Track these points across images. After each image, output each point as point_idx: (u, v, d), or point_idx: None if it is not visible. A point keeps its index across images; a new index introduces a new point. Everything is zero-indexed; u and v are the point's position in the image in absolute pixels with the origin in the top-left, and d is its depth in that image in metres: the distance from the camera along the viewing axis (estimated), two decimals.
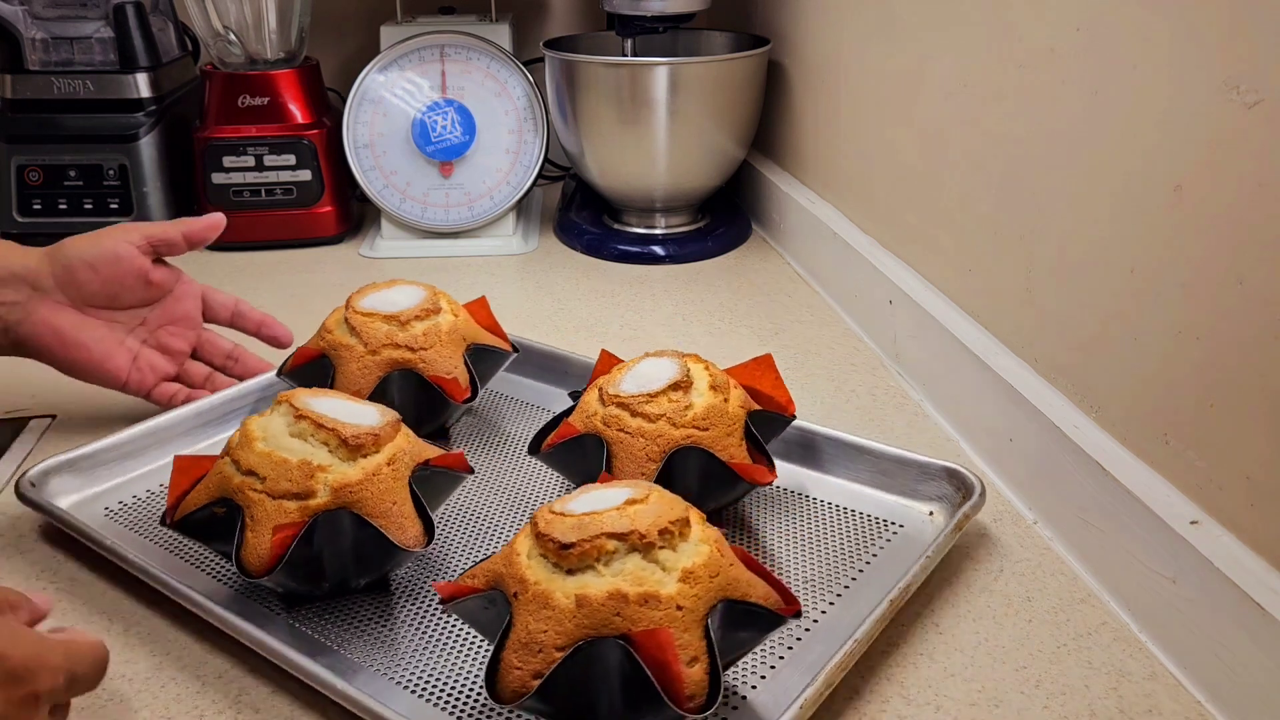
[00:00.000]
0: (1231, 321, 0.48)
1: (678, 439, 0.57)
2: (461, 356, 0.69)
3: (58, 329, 0.67)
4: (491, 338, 0.72)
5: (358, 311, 0.68)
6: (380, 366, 0.66)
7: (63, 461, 0.64)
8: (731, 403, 0.59)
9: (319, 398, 0.56)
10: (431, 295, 0.70)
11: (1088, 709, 0.48)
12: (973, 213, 0.72)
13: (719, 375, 0.60)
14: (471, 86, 1.10)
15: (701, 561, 0.44)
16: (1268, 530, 0.47)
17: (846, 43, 0.94)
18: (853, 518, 0.62)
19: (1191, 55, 0.49)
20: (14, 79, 1.07)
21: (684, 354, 0.62)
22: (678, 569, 0.44)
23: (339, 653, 0.51)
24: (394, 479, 0.54)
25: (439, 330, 0.68)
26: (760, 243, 1.14)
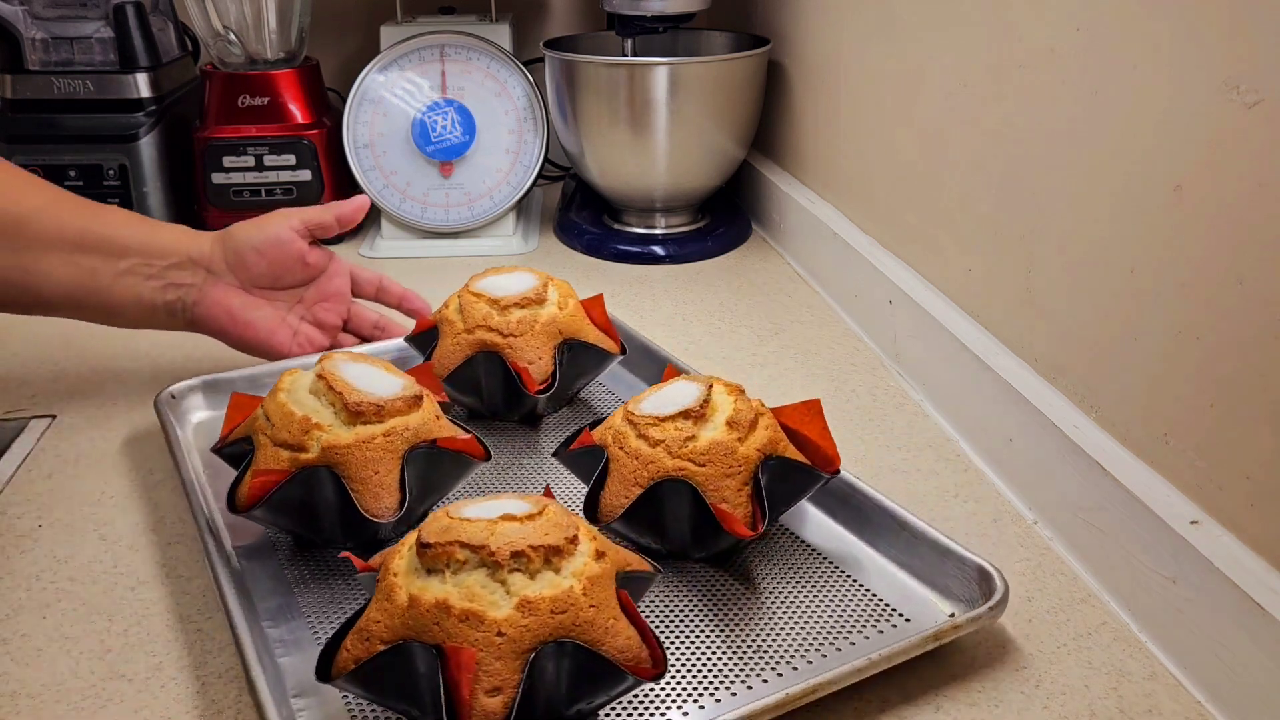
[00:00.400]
0: (1231, 321, 0.48)
1: (668, 469, 0.54)
2: (552, 349, 0.69)
3: (229, 309, 0.74)
4: (599, 335, 0.72)
5: (469, 290, 0.71)
6: (470, 345, 0.68)
7: (201, 382, 0.73)
8: (749, 443, 0.54)
9: (355, 364, 0.59)
10: (541, 286, 0.71)
11: (1088, 709, 0.48)
12: (973, 213, 0.72)
13: (745, 411, 0.55)
14: (471, 86, 1.10)
15: (551, 594, 0.42)
16: (1268, 530, 0.47)
17: (846, 43, 0.94)
18: (858, 593, 0.54)
19: (1191, 55, 0.49)
20: (14, 79, 1.07)
21: (725, 383, 0.57)
22: (518, 595, 0.42)
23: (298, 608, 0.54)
24: (385, 450, 0.55)
25: (535, 320, 0.69)
26: (760, 243, 1.14)
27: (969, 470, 0.68)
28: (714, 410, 0.55)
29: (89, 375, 0.81)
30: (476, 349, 0.68)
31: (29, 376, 0.80)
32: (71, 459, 0.69)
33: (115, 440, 0.72)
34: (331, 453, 0.54)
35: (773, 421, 0.57)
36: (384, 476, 0.55)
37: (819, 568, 0.57)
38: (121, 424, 0.74)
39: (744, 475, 0.54)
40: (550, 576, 0.43)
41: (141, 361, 0.83)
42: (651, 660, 0.44)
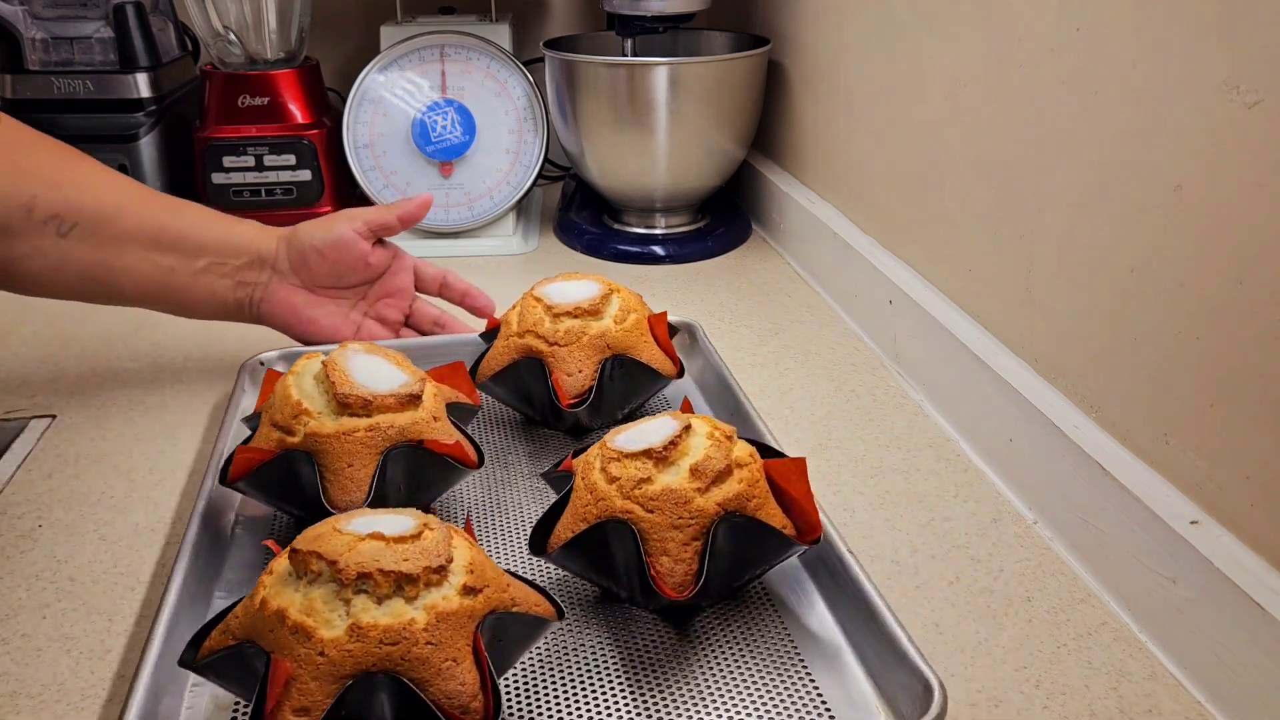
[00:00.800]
0: (1231, 321, 0.48)
1: (616, 509, 0.50)
2: (597, 363, 0.66)
3: (294, 306, 0.76)
4: (655, 355, 0.69)
5: (531, 294, 0.70)
6: (516, 350, 0.68)
7: (282, 354, 0.76)
8: (711, 496, 0.49)
9: (366, 356, 0.60)
10: (600, 298, 0.68)
11: (1088, 709, 0.48)
12: (973, 213, 0.72)
13: (716, 460, 0.50)
14: (471, 86, 1.10)
15: (385, 624, 0.41)
16: (1268, 530, 0.47)
17: (846, 42, 0.94)
18: (801, 689, 0.48)
19: (1191, 55, 0.49)
20: (14, 79, 1.07)
21: (715, 425, 0.53)
22: (354, 619, 0.41)
23: None
24: (364, 444, 0.56)
25: (584, 331, 0.67)
26: (760, 243, 1.14)
27: (969, 470, 0.68)
28: (682, 454, 0.51)
29: (89, 375, 0.81)
30: (521, 354, 0.67)
31: (29, 376, 0.80)
32: (71, 459, 0.69)
33: (115, 440, 0.72)
34: (313, 440, 0.55)
35: (754, 476, 0.51)
36: (358, 470, 0.55)
37: (777, 649, 0.50)
38: (121, 424, 0.74)
39: (694, 529, 0.49)
40: (397, 604, 0.42)
41: (142, 361, 0.83)
42: (482, 710, 0.42)
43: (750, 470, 0.51)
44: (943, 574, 0.58)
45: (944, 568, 0.58)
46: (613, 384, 0.67)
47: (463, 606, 0.43)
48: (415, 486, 0.59)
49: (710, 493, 0.50)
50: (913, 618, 0.54)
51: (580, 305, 0.67)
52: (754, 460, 0.52)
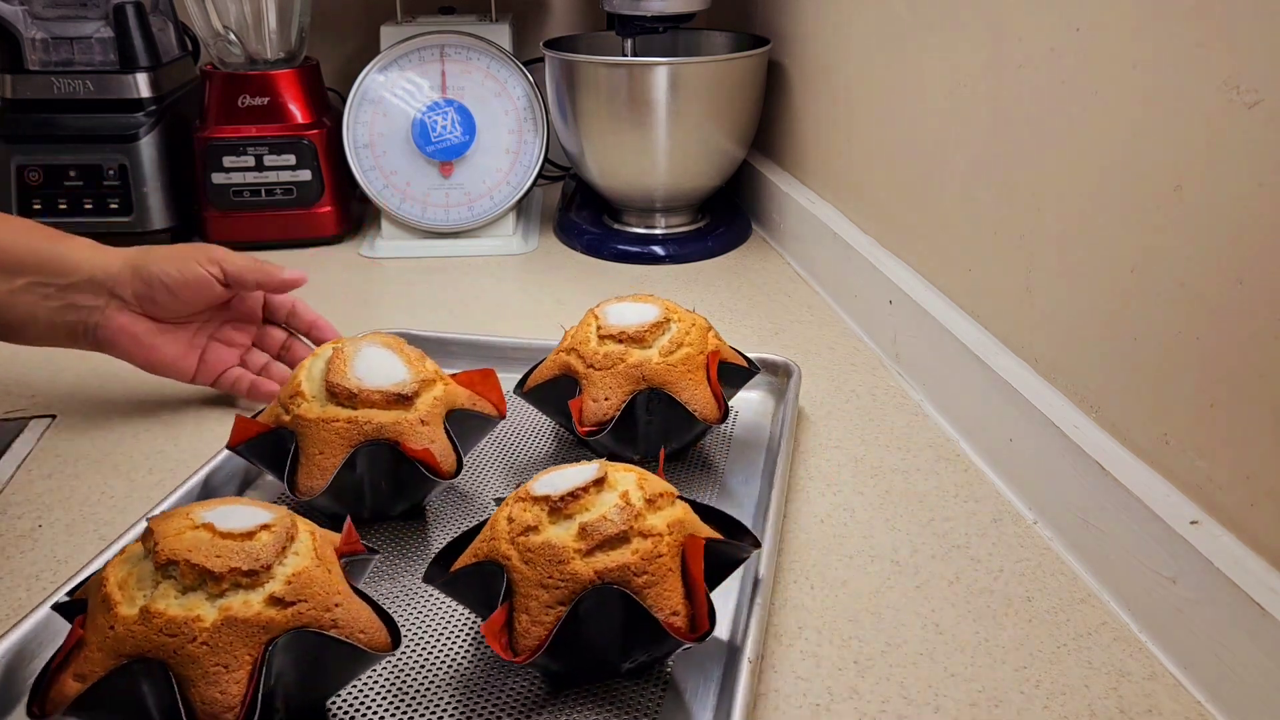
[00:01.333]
0: (1231, 321, 0.48)
1: (499, 552, 0.47)
2: (626, 394, 0.62)
3: (134, 335, 0.70)
4: (696, 396, 0.63)
5: (593, 310, 0.68)
6: (558, 365, 0.66)
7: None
8: (594, 561, 0.45)
9: (379, 348, 0.61)
10: (654, 326, 0.64)
11: (1088, 709, 0.48)
12: (973, 213, 0.72)
13: (612, 523, 0.46)
14: (471, 86, 1.10)
15: (171, 614, 0.41)
16: (1268, 530, 0.47)
17: (847, 43, 0.94)
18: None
19: (1191, 55, 0.49)
20: (14, 79, 1.07)
21: (647, 479, 0.50)
22: (148, 602, 0.42)
23: None
24: (339, 435, 0.57)
25: (620, 359, 0.63)
26: (760, 243, 1.14)
27: (969, 470, 0.68)
28: (582, 509, 0.47)
29: (89, 375, 0.81)
30: (562, 371, 0.65)
31: (29, 376, 0.80)
32: (71, 459, 0.69)
33: (115, 440, 0.72)
34: (298, 421, 0.58)
35: (656, 550, 0.46)
36: (326, 459, 0.57)
37: None
38: (121, 424, 0.74)
39: (562, 593, 0.45)
40: (196, 598, 0.42)
41: None
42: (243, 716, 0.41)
43: (655, 543, 0.46)
44: (943, 574, 0.58)
45: (944, 568, 0.58)
46: (650, 419, 0.64)
47: (259, 615, 0.42)
48: (395, 486, 0.59)
49: (593, 558, 0.45)
50: (913, 617, 0.54)
51: (626, 330, 0.64)
52: (669, 533, 0.47)
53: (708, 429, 0.65)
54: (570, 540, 0.46)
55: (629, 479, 0.49)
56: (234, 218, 1.10)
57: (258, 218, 1.11)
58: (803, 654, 0.52)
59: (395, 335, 0.63)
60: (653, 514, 0.48)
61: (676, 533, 0.48)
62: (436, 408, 0.60)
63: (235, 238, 1.11)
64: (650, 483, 0.49)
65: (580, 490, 0.47)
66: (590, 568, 0.45)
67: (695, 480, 0.66)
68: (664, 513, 0.48)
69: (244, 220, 1.10)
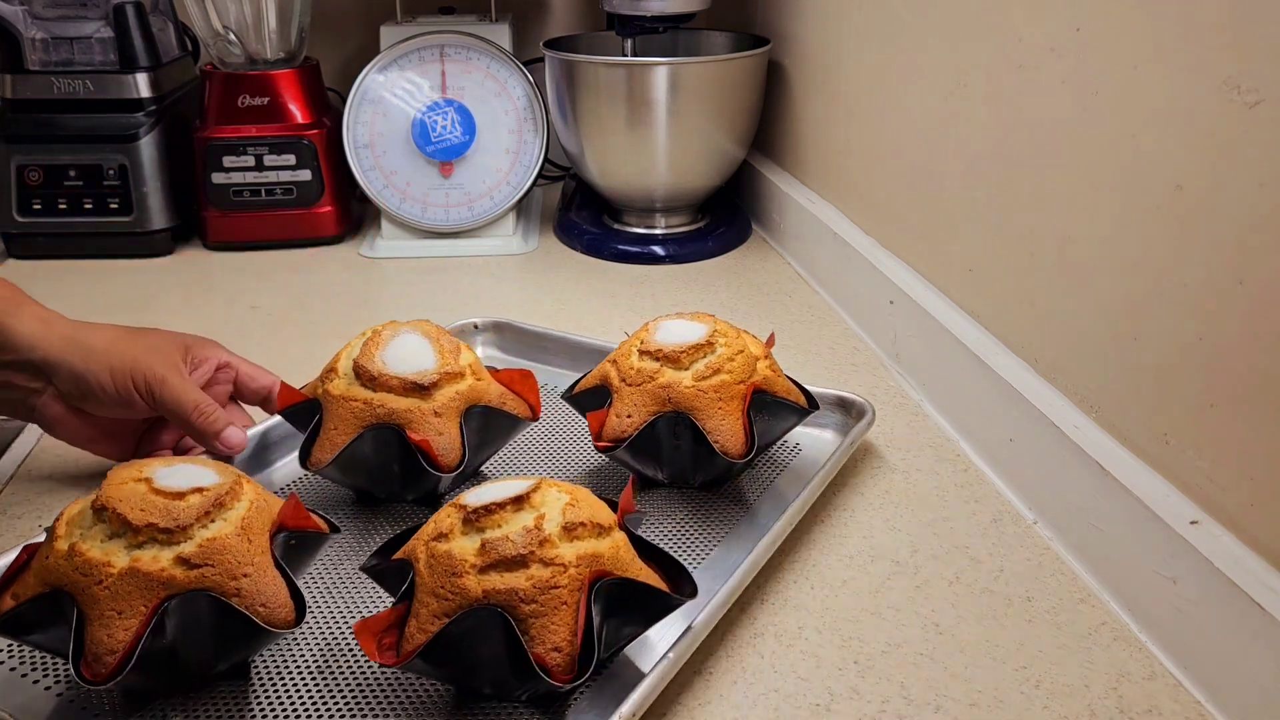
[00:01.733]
0: (1231, 321, 0.48)
1: (417, 552, 0.47)
2: (649, 414, 0.60)
3: (70, 428, 0.64)
4: (726, 424, 0.60)
5: (650, 322, 0.65)
6: (600, 374, 0.64)
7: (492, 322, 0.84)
8: (485, 580, 0.44)
9: (416, 336, 0.62)
10: (688, 348, 0.61)
11: (1088, 709, 0.48)
12: (973, 213, 0.72)
13: (513, 545, 0.45)
14: (471, 86, 1.10)
15: (86, 555, 0.45)
16: (1268, 530, 0.47)
17: (846, 43, 0.94)
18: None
19: (1191, 55, 0.49)
20: (14, 79, 1.07)
21: (585, 506, 0.48)
22: (75, 540, 0.45)
23: None
24: (354, 414, 0.59)
25: (651, 377, 0.61)
26: (760, 243, 1.14)
27: (969, 470, 0.68)
28: (494, 524, 0.46)
29: None
30: (601, 380, 0.64)
31: None
32: (71, 459, 0.69)
33: None
34: (324, 396, 0.61)
35: (555, 580, 0.44)
36: (338, 435, 0.59)
37: None
38: None
39: (448, 605, 0.44)
40: (115, 545, 0.45)
41: None
42: (113, 667, 0.43)
43: (555, 574, 0.44)
44: (943, 574, 0.58)
45: (944, 568, 0.58)
46: (677, 443, 0.61)
47: (163, 572, 0.44)
48: (403, 472, 0.60)
49: (487, 576, 0.44)
50: (913, 617, 0.54)
51: (663, 349, 0.61)
52: (575, 565, 0.45)
53: (737, 464, 0.60)
54: (470, 554, 0.45)
55: (558, 502, 0.47)
56: (234, 218, 1.10)
57: (258, 218, 1.11)
58: (803, 654, 0.52)
59: (433, 324, 0.64)
60: (565, 543, 0.45)
61: (587, 566, 0.45)
62: (455, 401, 0.60)
63: (235, 238, 1.11)
64: (582, 509, 0.47)
65: (497, 505, 0.46)
66: (480, 585, 0.44)
67: (721, 511, 0.62)
68: (580, 544, 0.46)
69: (244, 220, 1.10)
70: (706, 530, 0.61)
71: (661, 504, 0.63)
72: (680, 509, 0.63)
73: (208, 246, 1.12)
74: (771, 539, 0.56)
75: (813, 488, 0.60)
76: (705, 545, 0.59)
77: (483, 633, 0.44)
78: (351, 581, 0.56)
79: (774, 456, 0.68)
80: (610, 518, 0.49)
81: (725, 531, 0.60)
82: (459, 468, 0.60)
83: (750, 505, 0.63)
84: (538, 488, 0.48)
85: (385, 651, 0.45)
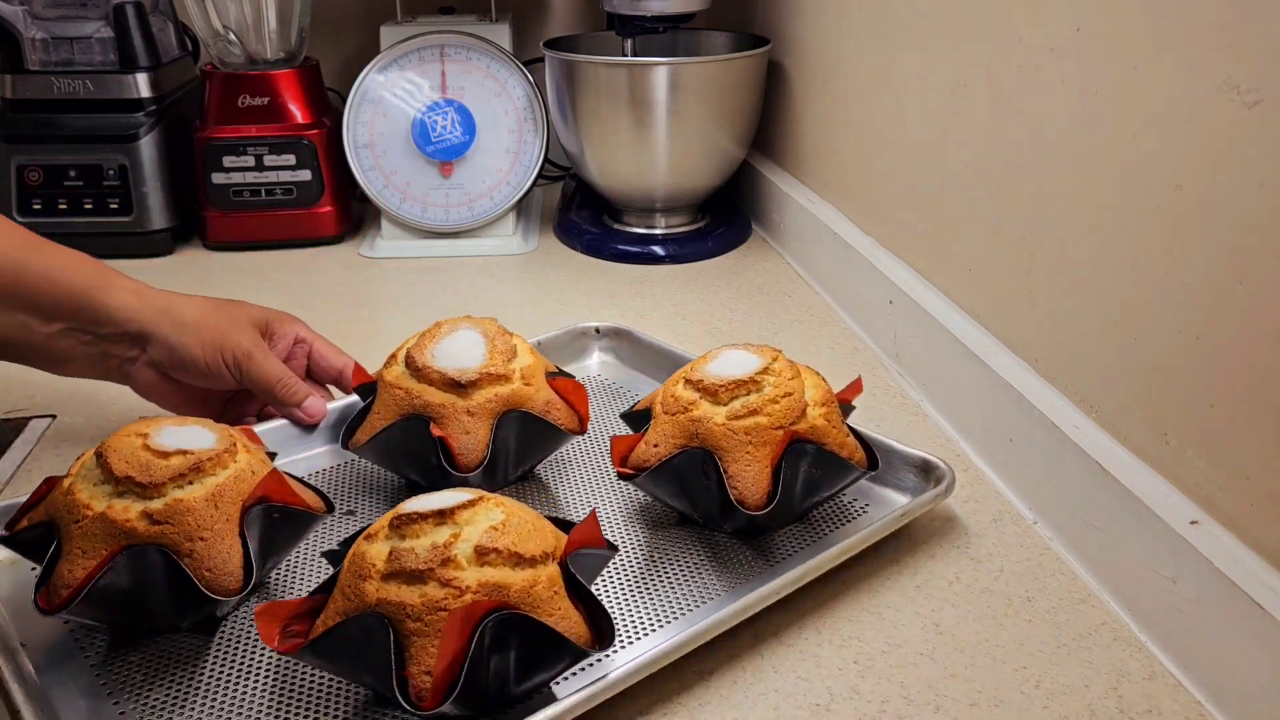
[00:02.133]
0: (1231, 321, 0.48)
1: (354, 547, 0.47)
2: (676, 447, 0.57)
3: (162, 392, 0.68)
4: (750, 470, 0.55)
5: (707, 354, 0.61)
6: (651, 398, 0.62)
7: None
8: (383, 590, 0.44)
9: (475, 333, 0.63)
10: (729, 384, 0.57)
11: (1088, 709, 0.48)
12: (973, 213, 0.72)
13: (417, 557, 0.44)
14: (471, 86, 1.10)
15: (76, 496, 0.49)
16: (1268, 530, 0.47)
17: (846, 43, 0.94)
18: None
19: (1191, 55, 0.49)
20: (14, 79, 1.07)
21: (515, 517, 0.47)
22: (76, 479, 0.50)
23: None
24: (395, 401, 0.61)
25: (685, 409, 0.57)
26: (760, 243, 1.14)
27: (969, 470, 0.68)
28: (415, 534, 0.45)
29: None
30: (647, 403, 0.62)
31: (29, 376, 0.80)
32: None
33: None
34: (379, 380, 0.63)
35: (449, 603, 0.43)
36: (377, 420, 0.62)
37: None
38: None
39: (349, 606, 0.45)
40: (101, 491, 0.49)
41: None
42: (60, 602, 0.47)
43: (448, 596, 0.43)
44: (943, 574, 0.58)
45: (944, 567, 0.58)
46: (706, 483, 0.56)
47: (127, 522, 0.48)
48: (429, 466, 0.61)
49: (386, 584, 0.44)
50: (913, 617, 0.54)
51: (704, 380, 0.58)
52: (475, 593, 0.43)
53: (758, 516, 0.55)
54: (379, 560, 0.45)
55: (485, 522, 0.46)
56: (234, 218, 1.10)
57: (258, 218, 1.11)
58: (803, 654, 0.52)
59: (496, 324, 0.65)
60: (473, 567, 0.44)
61: (487, 595, 0.43)
62: (492, 403, 0.60)
63: (235, 238, 1.11)
64: (504, 535, 0.45)
65: (420, 515, 0.45)
66: (378, 593, 0.44)
67: (741, 561, 0.57)
68: (489, 570, 0.44)
69: (244, 220, 1.10)
70: (715, 578, 0.56)
71: (687, 542, 0.59)
72: (700, 551, 0.58)
73: (208, 246, 1.12)
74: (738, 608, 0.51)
75: (824, 559, 0.54)
76: (703, 593, 0.55)
77: (365, 640, 0.43)
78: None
79: (835, 512, 0.61)
80: (545, 549, 0.46)
81: (732, 584, 0.55)
82: (478, 469, 0.59)
83: (776, 560, 0.57)
84: (473, 504, 0.46)
85: (291, 638, 0.46)
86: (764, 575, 0.56)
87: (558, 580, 0.46)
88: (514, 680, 0.45)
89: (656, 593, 0.55)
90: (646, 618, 0.53)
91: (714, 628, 0.50)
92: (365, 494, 0.65)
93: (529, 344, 0.66)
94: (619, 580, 0.56)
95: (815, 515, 0.61)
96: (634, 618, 0.53)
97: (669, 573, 0.57)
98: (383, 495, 0.64)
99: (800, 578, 0.53)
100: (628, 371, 0.81)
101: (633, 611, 0.53)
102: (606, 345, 0.82)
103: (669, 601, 0.54)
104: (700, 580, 0.56)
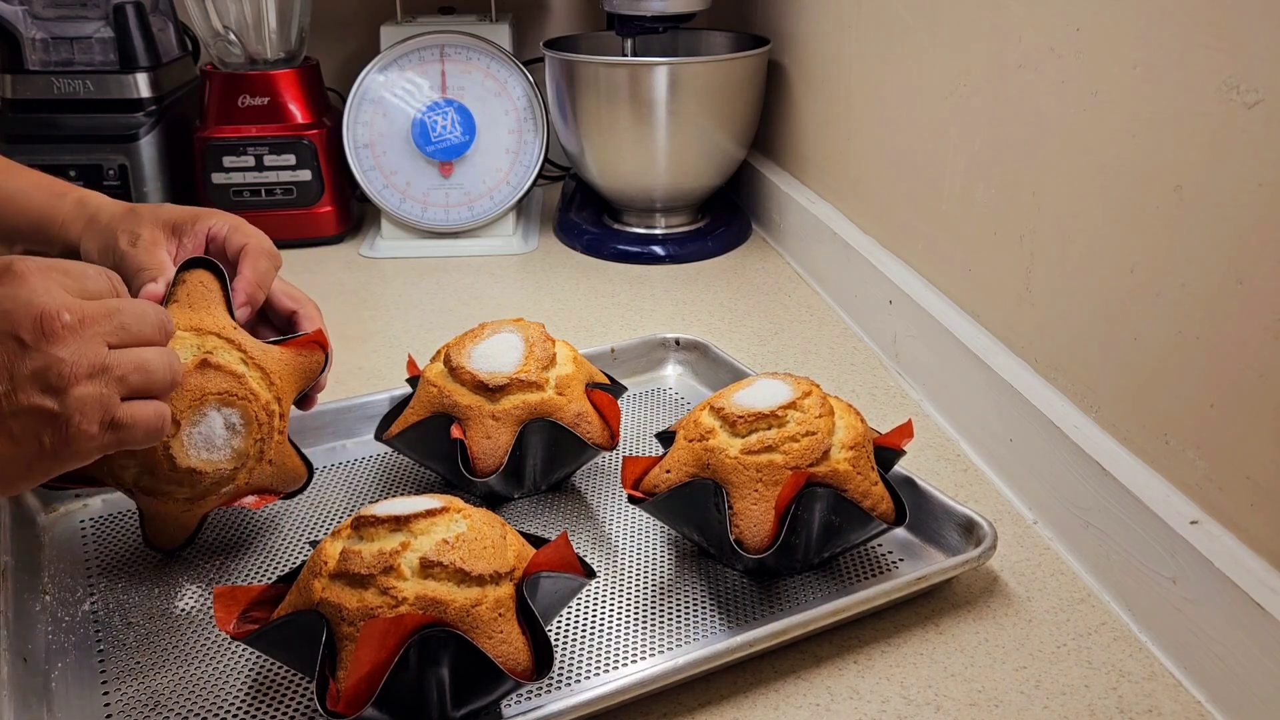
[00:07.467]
0: (1231, 321, 0.48)
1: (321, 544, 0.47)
2: (687, 476, 0.55)
3: None
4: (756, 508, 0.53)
5: (741, 384, 0.59)
6: (682, 422, 0.60)
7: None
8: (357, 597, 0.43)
9: (512, 335, 0.63)
10: (751, 417, 0.54)
11: (1088, 709, 0.48)
12: (973, 213, 0.72)
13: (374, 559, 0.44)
14: (471, 86, 1.10)
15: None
16: (1268, 530, 0.47)
17: (847, 42, 0.94)
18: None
19: (1191, 55, 0.49)
20: (14, 79, 1.07)
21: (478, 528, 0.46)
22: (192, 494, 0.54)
23: None
24: (431, 400, 0.62)
25: (702, 436, 0.55)
26: (760, 243, 1.14)
27: (969, 470, 0.68)
28: (373, 536, 0.45)
29: None
30: (680, 426, 0.59)
31: None
32: None
33: None
34: (422, 375, 0.65)
35: (382, 612, 0.43)
36: (411, 414, 0.63)
37: None
38: None
39: (296, 600, 0.45)
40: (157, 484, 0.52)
41: None
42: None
43: (384, 605, 0.43)
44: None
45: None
46: (719, 515, 0.53)
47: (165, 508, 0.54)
48: (449, 466, 0.61)
49: (331, 584, 0.44)
50: (913, 617, 0.54)
51: (726, 409, 0.55)
52: (411, 605, 0.43)
53: (766, 558, 0.52)
54: (332, 558, 0.45)
55: (441, 533, 0.45)
56: None
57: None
58: (803, 654, 0.52)
59: (541, 330, 0.64)
60: (417, 578, 0.43)
61: (423, 609, 0.43)
62: (519, 410, 0.60)
63: None
64: (456, 551, 0.44)
65: (378, 519, 0.45)
66: (322, 591, 0.44)
67: (745, 603, 0.55)
68: (431, 584, 0.43)
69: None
70: (716, 617, 0.54)
71: (696, 575, 0.57)
72: (701, 587, 0.56)
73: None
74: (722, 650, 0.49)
75: (816, 615, 0.51)
76: (696, 629, 0.53)
77: (304, 637, 0.43)
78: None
79: (863, 562, 0.58)
80: (499, 569, 0.45)
81: (727, 626, 0.53)
82: (494, 474, 0.59)
83: (781, 609, 0.54)
84: (435, 513, 0.45)
85: (247, 623, 0.46)
86: (760, 620, 0.53)
87: (506, 602, 0.45)
88: (451, 702, 0.44)
89: (651, 622, 0.53)
90: (633, 646, 0.52)
91: (689, 667, 0.48)
92: (410, 487, 0.66)
93: (574, 352, 0.65)
94: (616, 605, 0.55)
95: (841, 563, 0.57)
96: (622, 645, 0.52)
97: (667, 603, 0.55)
98: (419, 488, 0.65)
99: (789, 629, 0.50)
100: (700, 389, 0.78)
101: (625, 637, 0.52)
102: (683, 358, 0.81)
103: (664, 632, 0.53)
104: (696, 615, 0.54)
